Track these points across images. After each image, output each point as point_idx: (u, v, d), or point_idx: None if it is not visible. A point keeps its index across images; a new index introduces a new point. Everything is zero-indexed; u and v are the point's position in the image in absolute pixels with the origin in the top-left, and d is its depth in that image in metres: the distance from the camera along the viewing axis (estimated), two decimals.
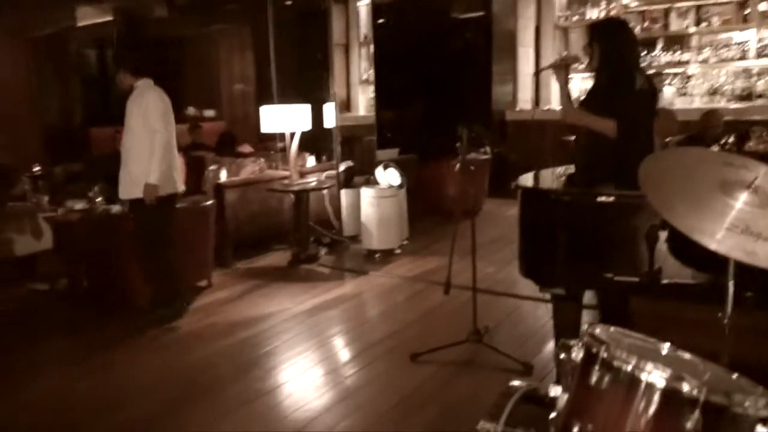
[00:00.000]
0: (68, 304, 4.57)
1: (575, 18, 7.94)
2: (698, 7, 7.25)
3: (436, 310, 4.23)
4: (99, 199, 5.00)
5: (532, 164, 3.28)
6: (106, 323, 4.20)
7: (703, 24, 7.25)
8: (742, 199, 1.57)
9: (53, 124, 8.30)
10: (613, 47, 2.83)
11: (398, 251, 5.66)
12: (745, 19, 7.01)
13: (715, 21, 7.18)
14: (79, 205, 5.04)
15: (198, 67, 9.88)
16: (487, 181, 7.27)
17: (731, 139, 4.44)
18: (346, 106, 9.23)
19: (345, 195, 6.04)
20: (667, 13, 7.39)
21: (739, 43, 7.08)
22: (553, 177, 3.14)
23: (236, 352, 3.68)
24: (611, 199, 2.55)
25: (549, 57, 7.77)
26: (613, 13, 7.51)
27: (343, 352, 3.71)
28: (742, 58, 7.02)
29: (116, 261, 4.35)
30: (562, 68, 2.99)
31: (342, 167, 6.15)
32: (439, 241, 5.82)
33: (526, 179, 3.00)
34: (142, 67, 4.04)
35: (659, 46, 7.45)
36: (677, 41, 7.41)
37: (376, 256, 5.55)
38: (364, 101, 9.36)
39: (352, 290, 4.83)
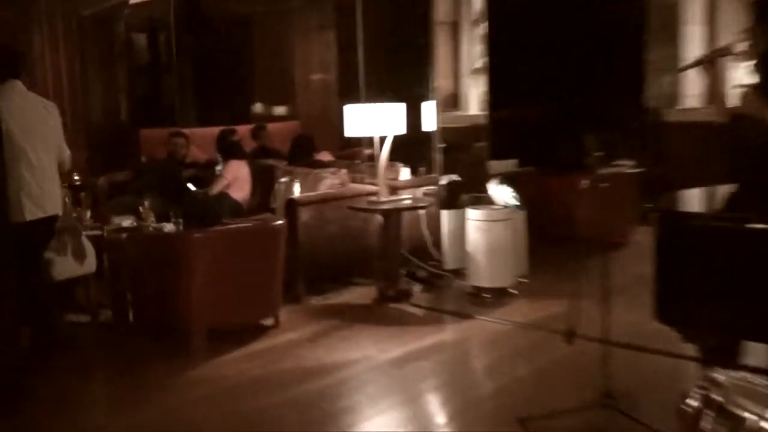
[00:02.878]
0: (112, 339, 5.10)
1: None
2: None
3: (557, 364, 4.38)
4: (151, 217, 5.53)
5: (700, 180, 3.46)
6: (152, 362, 4.67)
7: None
8: None
9: (96, 124, 8.83)
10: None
11: (513, 291, 5.83)
12: None
13: None
14: (127, 222, 5.59)
15: (267, 52, 10.40)
16: (638, 203, 7.29)
17: None
18: (452, 102, 9.47)
19: (447, 217, 6.26)
20: None
21: None
22: (712, 198, 3.31)
23: (306, 405, 3.99)
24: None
25: (723, 37, 7.72)
26: None
27: (437, 411, 3.97)
28: None
29: (169, 289, 4.82)
30: (712, 63, 3.21)
31: (444, 181, 6.42)
32: (567, 280, 5.89)
33: (670, 200, 3.18)
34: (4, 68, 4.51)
35: None
36: None
37: (485, 295, 5.75)
38: (476, 97, 9.57)
39: (452, 337, 5.05)
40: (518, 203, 6.12)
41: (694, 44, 8.06)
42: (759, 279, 2.74)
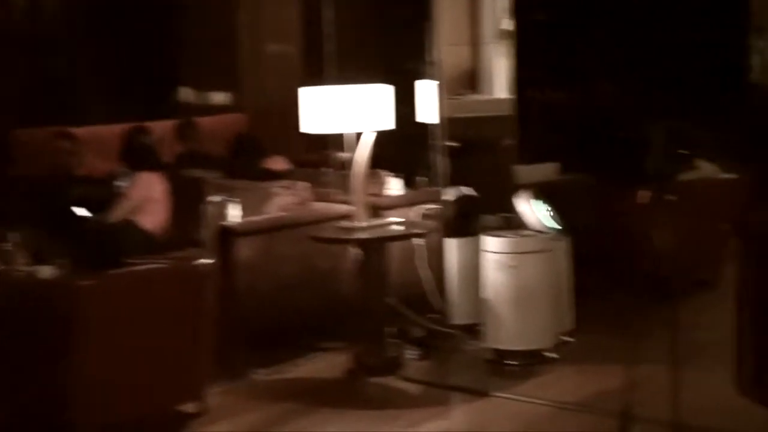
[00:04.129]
0: None
1: None
2: None
3: None
4: (22, 256, 5.46)
5: None
6: None
7: None
8: None
9: None
10: None
11: (552, 355, 5.82)
12: None
13: None
14: None
15: (199, 15, 10.41)
16: (740, 216, 7.27)
17: None
18: (469, 82, 9.45)
19: (456, 250, 6.25)
20: None
21: None
22: None
23: None
24: None
25: None
26: None
27: None
28: None
29: (44, 364, 4.74)
30: None
31: (451, 197, 6.41)
32: (630, 339, 5.85)
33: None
34: None
35: None
36: None
37: (511, 363, 5.72)
38: (503, 74, 9.54)
39: (462, 425, 5.03)
40: (560, 227, 6.10)
41: None
42: None
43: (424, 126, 6.81)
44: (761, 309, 2.96)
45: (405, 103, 6.41)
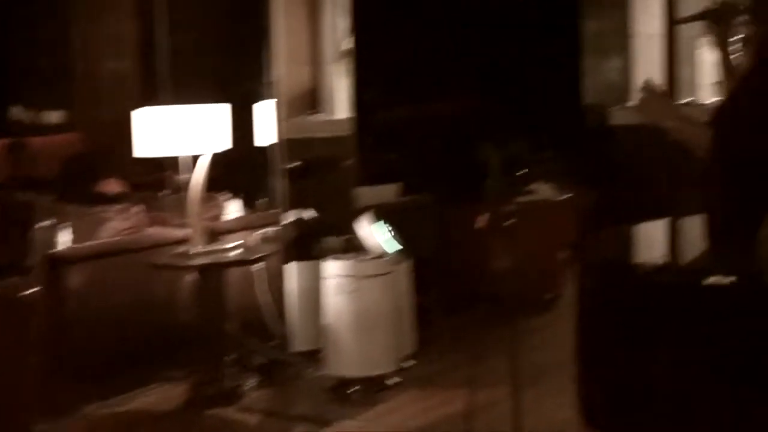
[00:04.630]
0: None
1: None
2: None
3: None
4: None
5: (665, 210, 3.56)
6: None
7: None
8: None
9: None
10: None
11: (394, 380, 5.78)
12: None
13: None
14: None
15: (30, 27, 10.17)
16: (574, 241, 7.37)
17: None
18: (310, 102, 9.40)
19: (296, 274, 6.20)
20: None
21: None
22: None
23: None
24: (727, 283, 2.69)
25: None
26: None
27: None
28: None
29: None
30: (720, 21, 3.20)
31: (291, 219, 6.35)
32: (478, 359, 5.87)
33: (610, 242, 3.16)
34: None
35: None
36: None
37: (352, 389, 5.64)
38: (345, 93, 9.53)
39: None
40: (401, 250, 6.09)
41: (651, 7, 8.18)
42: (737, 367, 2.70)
43: (264, 147, 6.70)
44: (599, 337, 2.92)
45: (244, 123, 6.29)
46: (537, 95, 8.03)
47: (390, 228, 6.20)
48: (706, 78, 7.44)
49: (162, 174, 7.51)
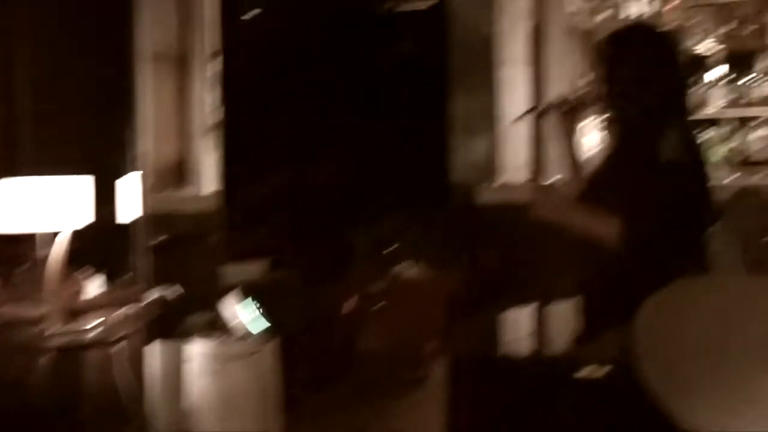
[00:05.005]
0: None
1: (603, 15, 8.10)
2: None
3: None
4: None
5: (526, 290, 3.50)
6: None
7: None
8: None
9: None
10: (634, 76, 3.16)
11: None
12: None
13: None
14: None
15: None
16: (446, 317, 7.35)
17: None
18: (177, 176, 9.24)
19: (158, 355, 6.07)
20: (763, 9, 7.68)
21: None
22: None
23: None
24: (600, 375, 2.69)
25: (556, 82, 8.01)
26: (670, 6, 7.89)
27: None
28: None
29: None
30: (567, 114, 3.34)
31: (153, 296, 6.20)
32: None
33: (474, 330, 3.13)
34: None
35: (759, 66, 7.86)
36: None
37: None
38: (212, 168, 9.41)
39: None
40: (268, 328, 6.04)
41: (516, 91, 8.18)
42: None
43: (128, 222, 6.55)
44: (467, 426, 2.89)
45: (108, 196, 6.14)
46: (405, 172, 8.12)
47: (257, 306, 6.12)
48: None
49: (18, 248, 7.24)
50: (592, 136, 7.42)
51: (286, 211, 7.85)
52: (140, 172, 6.79)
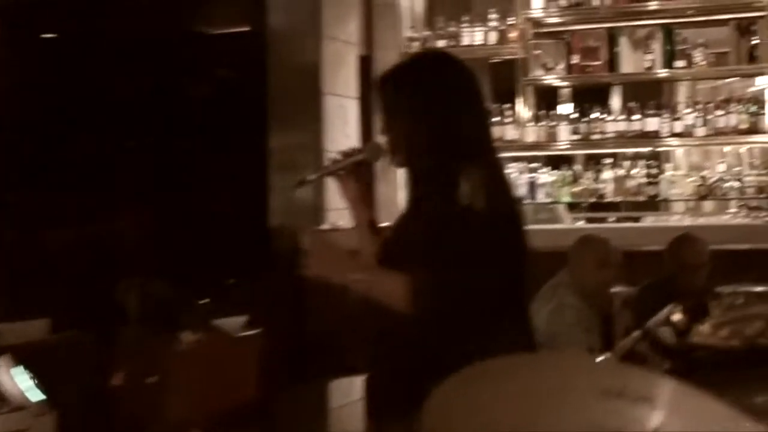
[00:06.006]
0: None
1: (442, 42, 8.16)
2: (668, 32, 7.68)
3: None
4: None
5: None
6: None
7: (679, 63, 7.66)
8: None
9: None
10: (418, 117, 3.03)
11: None
12: (753, 57, 7.47)
13: (699, 59, 7.62)
14: None
15: None
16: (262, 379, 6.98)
17: (676, 317, 4.47)
18: None
19: None
20: (612, 39, 7.81)
21: (747, 101, 7.55)
22: None
23: None
24: None
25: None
26: (510, 36, 7.86)
27: None
28: (752, 130, 7.36)
29: None
30: (353, 172, 3.22)
31: None
32: None
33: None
34: None
35: (614, 99, 8.10)
36: (642, 92, 7.98)
37: None
38: None
39: None
40: (45, 398, 5.48)
41: (347, 125, 8.17)
42: None
43: None
44: None
45: None
46: (221, 218, 7.66)
47: (33, 373, 5.59)
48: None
49: None
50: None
51: (66, 265, 7.39)
52: None
